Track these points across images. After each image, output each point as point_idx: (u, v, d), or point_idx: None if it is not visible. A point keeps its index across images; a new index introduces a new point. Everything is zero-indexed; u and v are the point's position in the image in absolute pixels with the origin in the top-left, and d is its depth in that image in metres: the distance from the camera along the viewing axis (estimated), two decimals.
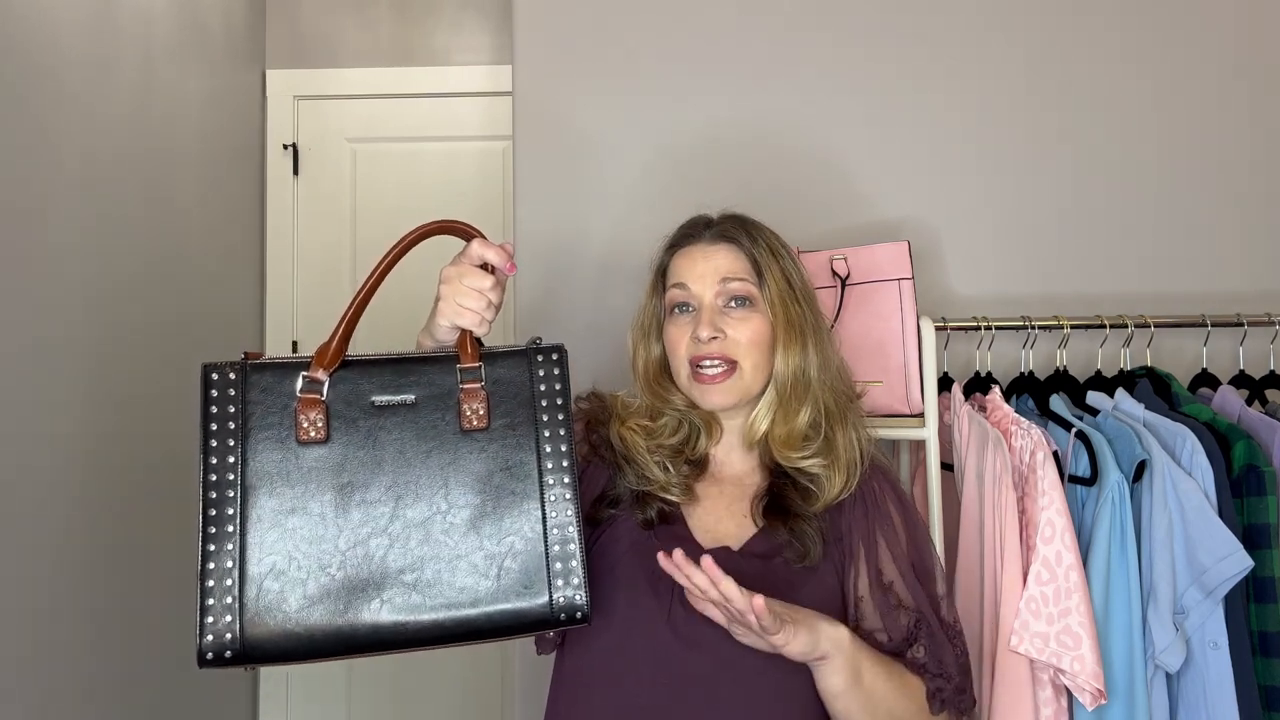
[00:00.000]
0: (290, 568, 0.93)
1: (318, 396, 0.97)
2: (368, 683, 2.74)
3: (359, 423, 0.98)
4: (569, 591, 0.97)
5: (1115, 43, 1.81)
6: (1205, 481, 1.44)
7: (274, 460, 0.96)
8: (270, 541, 0.93)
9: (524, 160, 1.82)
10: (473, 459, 0.98)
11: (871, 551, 1.12)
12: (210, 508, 0.94)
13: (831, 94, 1.81)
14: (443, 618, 0.94)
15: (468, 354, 1.01)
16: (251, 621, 0.91)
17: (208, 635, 0.91)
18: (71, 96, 1.84)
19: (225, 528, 0.93)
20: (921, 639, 1.10)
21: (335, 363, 0.99)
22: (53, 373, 1.76)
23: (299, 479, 0.95)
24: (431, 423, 0.99)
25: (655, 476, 1.14)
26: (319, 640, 0.92)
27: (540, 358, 1.03)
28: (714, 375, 1.13)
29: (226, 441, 0.96)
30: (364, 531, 0.95)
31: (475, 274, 1.02)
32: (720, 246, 1.17)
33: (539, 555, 0.97)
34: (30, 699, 1.68)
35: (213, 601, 0.91)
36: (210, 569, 0.92)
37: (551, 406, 1.01)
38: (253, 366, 0.98)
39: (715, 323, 1.13)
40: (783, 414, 1.14)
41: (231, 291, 2.60)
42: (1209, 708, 1.39)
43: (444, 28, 2.80)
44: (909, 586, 1.12)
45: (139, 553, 2.05)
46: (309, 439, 0.96)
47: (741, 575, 1.07)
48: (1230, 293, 1.76)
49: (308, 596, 0.93)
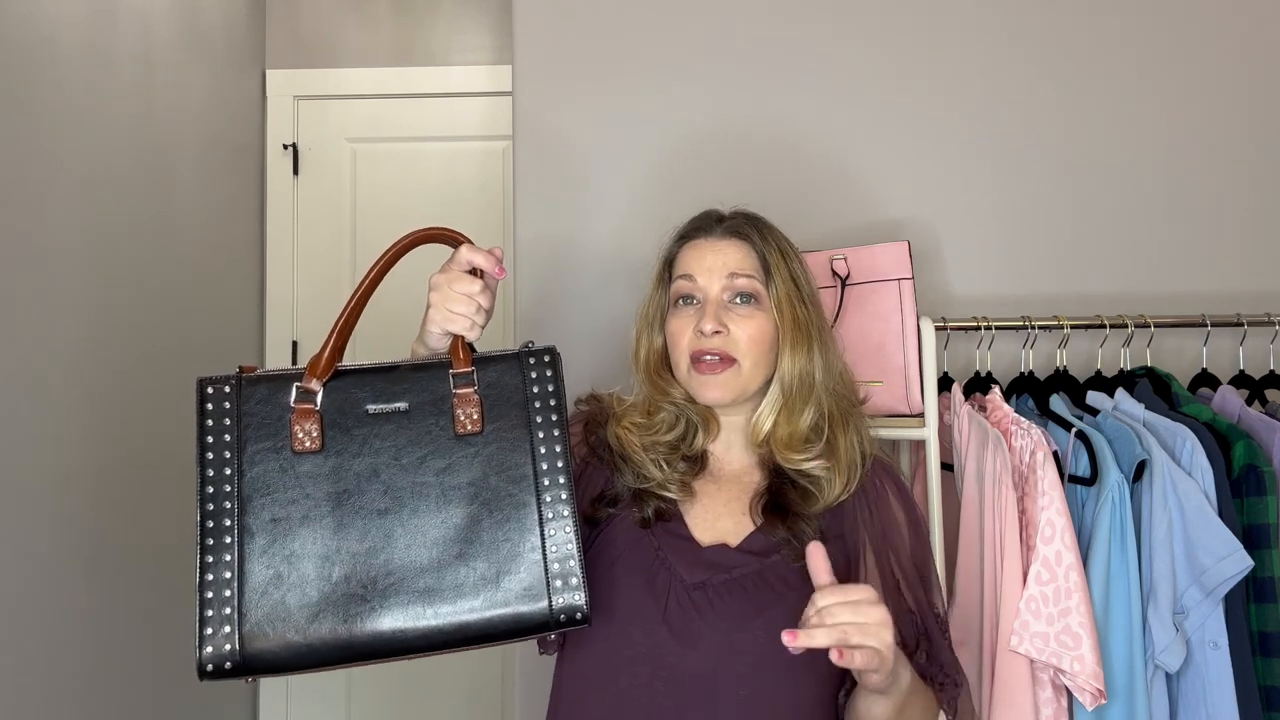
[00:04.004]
0: (289, 577, 0.93)
1: (311, 407, 0.98)
2: (368, 684, 2.75)
3: (353, 431, 0.98)
4: (568, 594, 0.97)
5: (1115, 43, 1.81)
6: (1205, 481, 1.44)
7: (270, 471, 0.96)
8: (268, 552, 0.94)
9: (524, 160, 1.82)
10: (468, 464, 0.98)
11: (882, 554, 1.13)
12: (208, 520, 0.94)
13: (831, 94, 1.81)
14: (442, 623, 0.94)
15: (460, 359, 1.02)
16: (250, 633, 0.92)
17: (207, 647, 0.91)
18: (71, 96, 1.84)
19: (223, 539, 0.94)
20: (923, 643, 1.11)
21: (328, 373, 0.99)
22: (52, 373, 1.76)
23: (295, 489, 0.96)
24: (426, 429, 0.99)
25: (651, 474, 1.14)
26: (318, 649, 0.92)
27: (532, 360, 1.03)
28: (712, 365, 1.13)
29: (223, 454, 0.96)
30: (362, 539, 0.95)
31: (464, 279, 1.03)
32: (730, 241, 1.17)
33: (537, 558, 0.97)
34: (31, 701, 1.68)
35: (211, 613, 0.92)
36: (209, 580, 0.93)
37: (545, 408, 1.01)
38: (247, 379, 1.00)
39: (719, 317, 1.13)
40: (786, 414, 1.14)
41: (231, 291, 2.60)
42: (1209, 708, 1.39)
43: (444, 28, 2.80)
44: (912, 587, 1.12)
45: (137, 555, 2.05)
46: (304, 449, 0.97)
47: (736, 572, 1.09)
48: (1230, 293, 1.76)
49: (306, 606, 0.93)
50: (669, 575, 1.09)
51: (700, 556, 1.10)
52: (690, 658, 1.04)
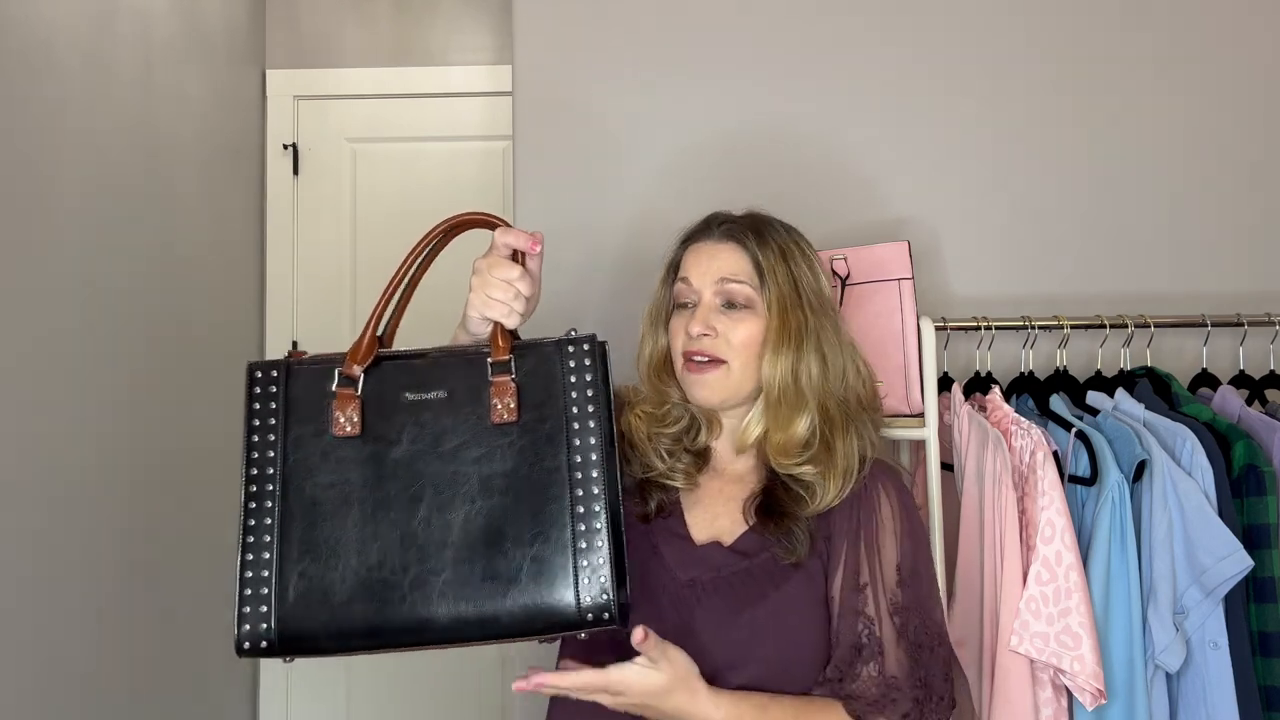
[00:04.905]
0: (325, 560, 0.94)
1: (352, 392, 0.98)
2: (368, 681, 2.74)
3: (392, 418, 0.98)
4: (597, 593, 0.92)
5: (1115, 44, 1.81)
6: (1205, 481, 1.44)
7: (311, 455, 0.97)
8: (306, 535, 0.95)
9: (524, 160, 1.82)
10: (502, 454, 0.96)
11: (853, 554, 1.11)
12: (250, 501, 0.96)
13: (831, 94, 1.81)
14: (469, 615, 0.92)
15: (499, 347, 1.00)
16: (287, 614, 0.93)
17: (245, 625, 0.92)
18: (71, 96, 1.84)
19: (264, 520, 0.95)
20: (871, 655, 1.06)
21: (368, 359, 0.99)
22: (52, 372, 1.76)
23: (334, 473, 0.96)
24: (463, 417, 0.98)
25: (655, 465, 1.15)
26: (349, 634, 0.93)
27: (571, 348, 1.00)
28: (702, 365, 1.13)
29: (267, 437, 0.98)
30: (395, 526, 0.95)
31: (503, 265, 1.01)
32: (726, 245, 1.17)
33: (566, 555, 0.94)
34: (33, 695, 1.68)
35: (250, 592, 0.93)
36: (249, 560, 0.94)
37: (582, 399, 0.98)
38: (295, 364, 1.01)
39: (708, 320, 1.14)
40: (775, 421, 1.13)
41: (231, 291, 2.60)
42: (1209, 708, 1.39)
43: (444, 27, 2.80)
44: (887, 593, 1.09)
45: (141, 550, 2.05)
46: (344, 434, 0.97)
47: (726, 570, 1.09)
48: (1230, 293, 1.76)
49: (340, 589, 0.93)
50: (663, 571, 1.10)
51: (693, 554, 1.12)
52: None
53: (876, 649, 1.07)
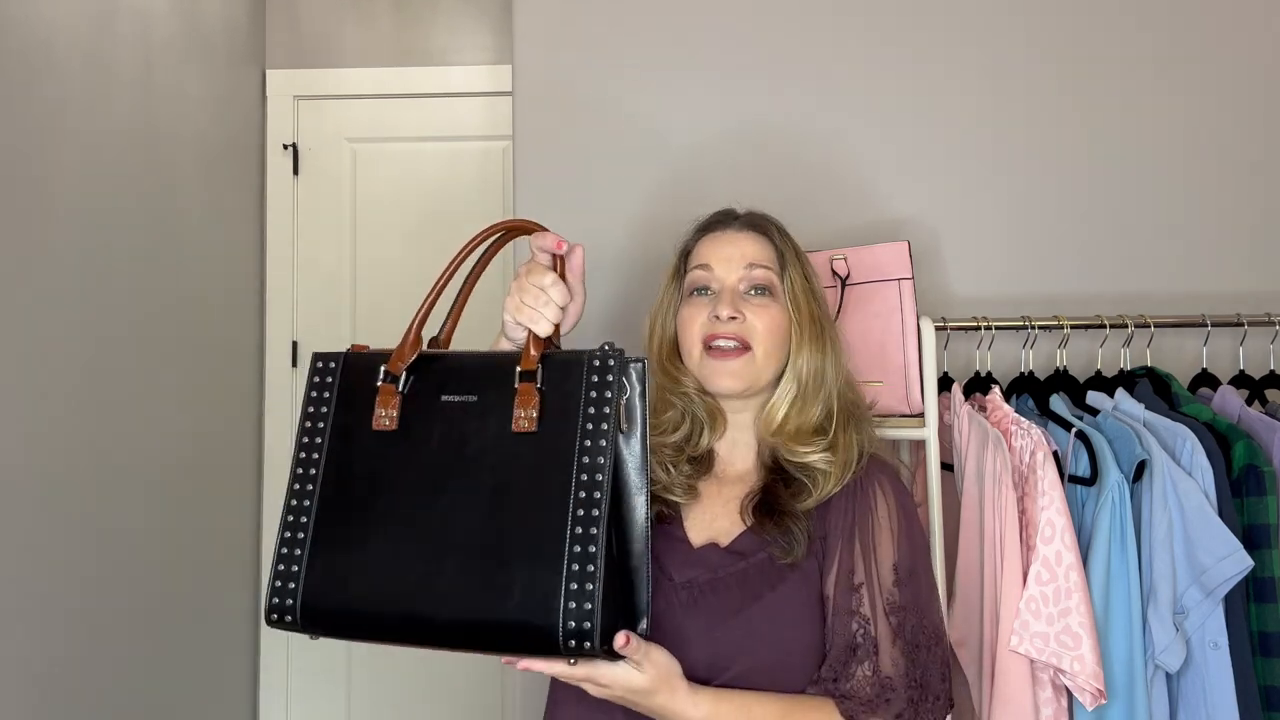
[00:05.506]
0: (347, 548, 0.96)
1: (394, 389, 1.00)
2: (367, 681, 2.75)
3: (428, 417, 0.99)
4: (578, 617, 0.88)
5: (1116, 44, 1.81)
6: (1205, 481, 1.43)
7: (351, 446, 1.00)
8: (335, 522, 0.97)
9: (524, 160, 1.82)
10: (517, 464, 0.95)
11: (848, 553, 1.11)
12: (295, 482, 1.00)
13: (831, 94, 1.82)
14: (460, 619, 0.92)
15: (528, 355, 0.98)
16: (310, 593, 0.96)
17: (274, 598, 0.97)
18: (71, 96, 1.84)
19: (304, 502, 0.99)
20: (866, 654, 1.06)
21: (410, 358, 1.01)
22: (52, 371, 1.76)
23: (369, 465, 0.99)
24: (488, 423, 0.97)
25: (658, 477, 1.14)
26: (358, 622, 0.95)
27: (597, 363, 0.98)
28: (727, 351, 1.14)
29: (318, 425, 1.02)
30: (412, 523, 0.95)
31: (538, 271, 1.02)
32: (749, 234, 1.20)
33: (555, 574, 0.89)
34: (33, 695, 1.68)
35: (283, 568, 0.97)
36: (286, 537, 0.98)
37: (598, 415, 0.95)
38: (352, 356, 1.04)
39: (736, 304, 1.15)
40: (799, 406, 1.15)
41: (231, 291, 2.60)
42: (1209, 708, 1.39)
43: (444, 27, 2.80)
44: (883, 592, 1.09)
45: (139, 548, 2.05)
46: (382, 428, 0.99)
47: (721, 571, 1.09)
48: (1230, 293, 1.76)
49: (354, 578, 0.95)
50: (660, 575, 1.10)
51: (690, 556, 1.12)
52: (679, 655, 1.05)
53: (871, 649, 1.06)
